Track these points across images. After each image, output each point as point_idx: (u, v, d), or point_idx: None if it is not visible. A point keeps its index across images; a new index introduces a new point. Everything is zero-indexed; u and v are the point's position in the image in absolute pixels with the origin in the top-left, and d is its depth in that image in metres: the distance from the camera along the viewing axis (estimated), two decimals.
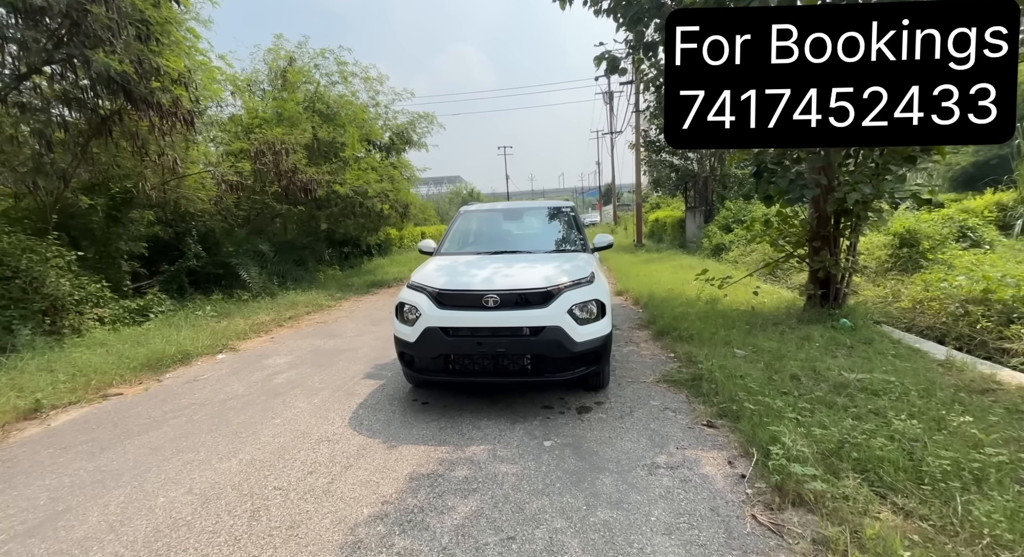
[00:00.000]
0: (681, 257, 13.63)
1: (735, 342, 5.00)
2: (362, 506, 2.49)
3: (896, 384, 3.66)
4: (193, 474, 2.90)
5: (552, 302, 3.46)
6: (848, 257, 6.05)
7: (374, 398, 4.07)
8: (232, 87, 11.86)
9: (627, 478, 2.71)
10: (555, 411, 3.66)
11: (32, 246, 7.36)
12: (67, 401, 4.42)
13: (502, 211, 5.23)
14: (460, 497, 2.56)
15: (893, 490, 2.41)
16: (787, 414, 3.14)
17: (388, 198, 11.42)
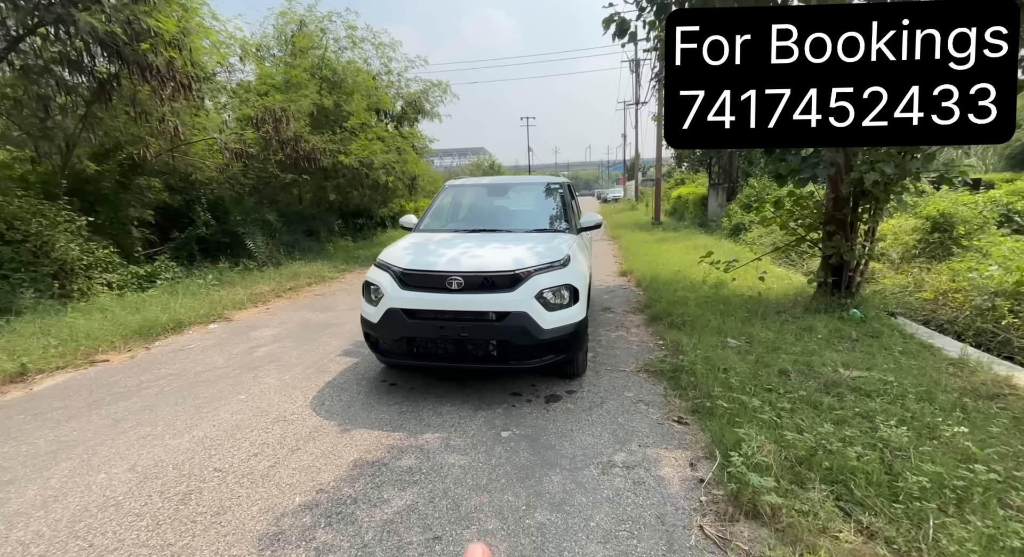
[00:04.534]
0: (698, 237, 13.10)
1: (730, 331, 4.73)
2: (295, 494, 2.42)
3: (894, 384, 3.37)
4: (143, 450, 2.89)
5: (519, 286, 3.27)
6: (865, 243, 5.61)
7: (344, 377, 4.01)
8: (241, 52, 11.68)
9: (577, 477, 2.56)
10: (523, 399, 3.51)
11: (43, 210, 7.53)
12: (54, 366, 4.52)
13: (487, 186, 4.97)
14: (398, 489, 2.46)
15: (861, 506, 2.20)
16: (762, 414, 2.92)
17: (394, 170, 11.20)
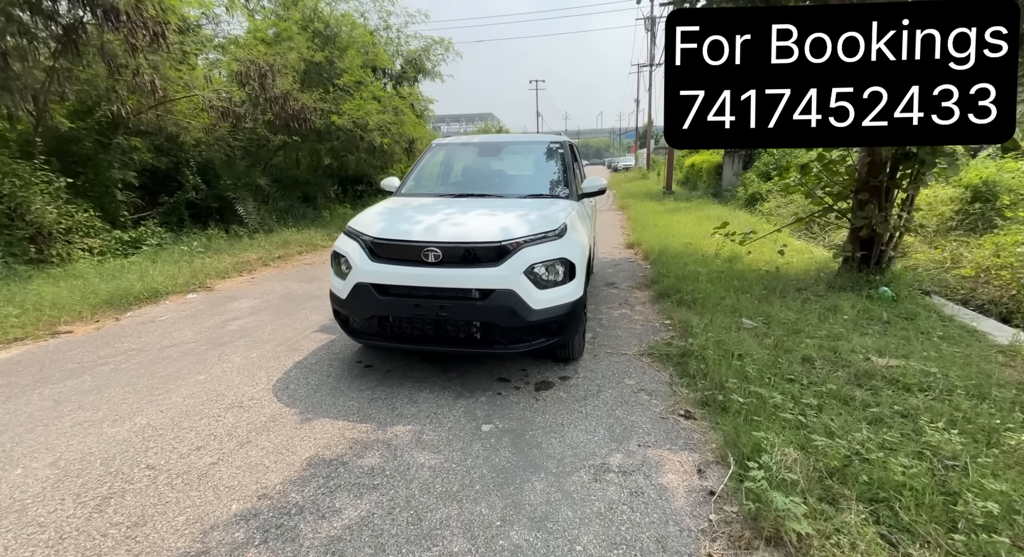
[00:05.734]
0: (711, 207, 12.45)
1: (745, 310, 4.27)
2: (233, 500, 2.07)
3: (938, 377, 2.92)
4: (74, 440, 2.55)
5: (506, 260, 2.81)
6: (902, 213, 5.04)
7: (316, 356, 3.64)
8: (227, 1, 10.90)
9: (565, 483, 2.18)
10: (510, 386, 3.12)
11: (15, 170, 7.11)
12: (11, 337, 4.19)
13: (478, 145, 4.43)
14: (354, 496, 2.10)
15: (910, 534, 1.79)
16: (785, 412, 2.50)
17: (389, 131, 10.55)
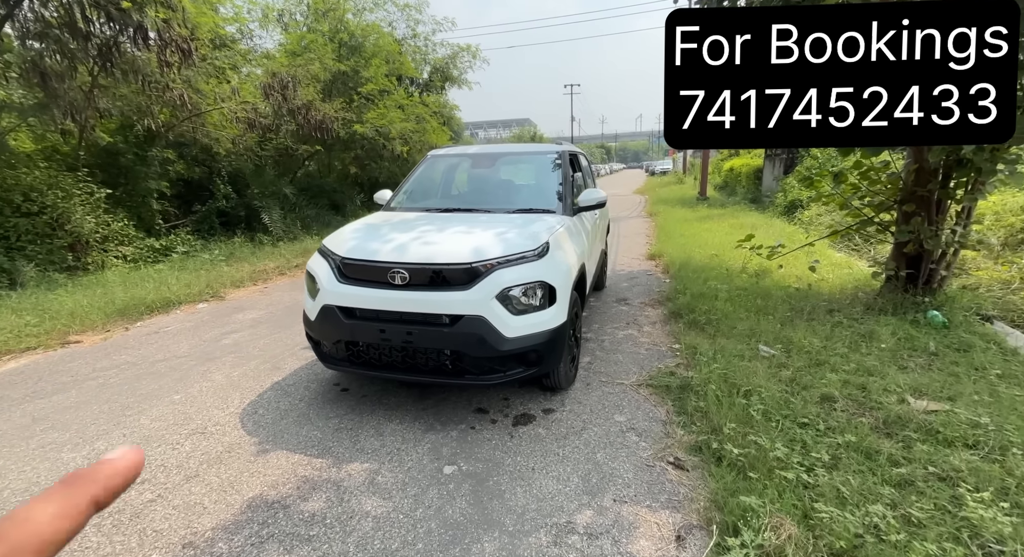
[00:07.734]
0: (747, 214, 11.73)
1: (765, 334, 3.84)
2: (154, 549, 1.92)
3: (990, 429, 2.45)
4: (29, 464, 2.50)
5: (477, 283, 2.58)
6: (957, 227, 4.44)
7: (295, 376, 3.51)
8: (261, 17, 11.27)
9: (518, 547, 1.91)
10: (487, 418, 2.87)
11: (60, 182, 7.53)
12: (24, 346, 4.33)
13: (471, 157, 4.22)
14: (283, 549, 1.91)
15: None
16: (788, 469, 2.13)
17: (411, 139, 10.56)
